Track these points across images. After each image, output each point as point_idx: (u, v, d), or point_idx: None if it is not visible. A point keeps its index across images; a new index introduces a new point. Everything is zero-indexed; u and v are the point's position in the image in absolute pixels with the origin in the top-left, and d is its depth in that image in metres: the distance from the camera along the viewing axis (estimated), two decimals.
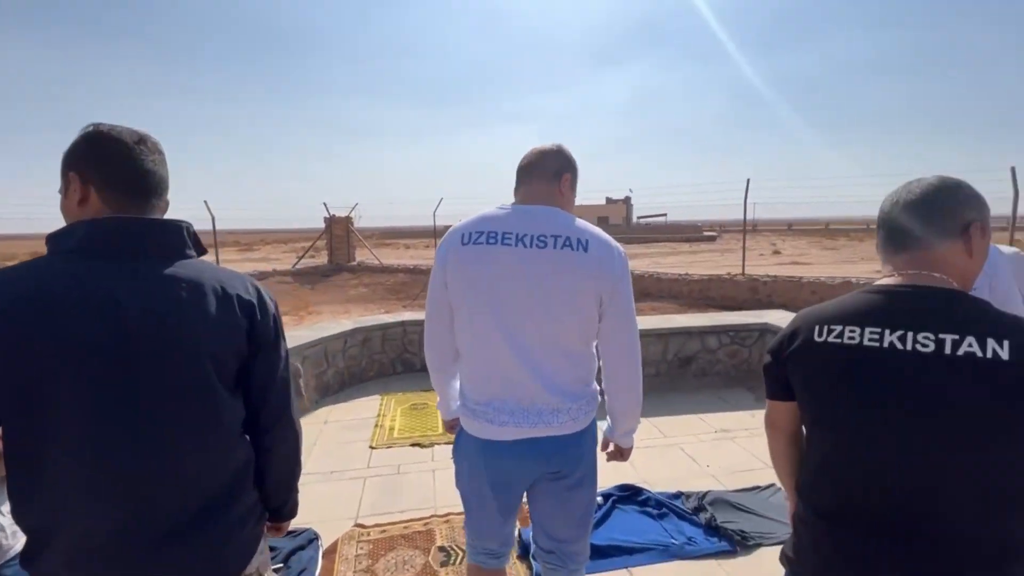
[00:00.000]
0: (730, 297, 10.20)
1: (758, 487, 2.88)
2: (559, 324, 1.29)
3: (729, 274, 11.05)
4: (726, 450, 3.38)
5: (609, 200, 64.99)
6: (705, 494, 2.78)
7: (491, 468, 1.36)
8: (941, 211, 0.94)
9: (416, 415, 3.99)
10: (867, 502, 0.93)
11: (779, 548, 2.43)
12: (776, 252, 23.67)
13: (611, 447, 1.53)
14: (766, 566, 2.26)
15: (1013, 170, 7.77)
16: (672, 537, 2.44)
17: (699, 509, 2.65)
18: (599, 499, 2.72)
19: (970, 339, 0.83)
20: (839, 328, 0.94)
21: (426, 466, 3.21)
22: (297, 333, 4.71)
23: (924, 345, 0.85)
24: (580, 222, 1.34)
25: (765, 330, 4.70)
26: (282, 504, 1.12)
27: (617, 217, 62.50)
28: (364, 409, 4.19)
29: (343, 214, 17.19)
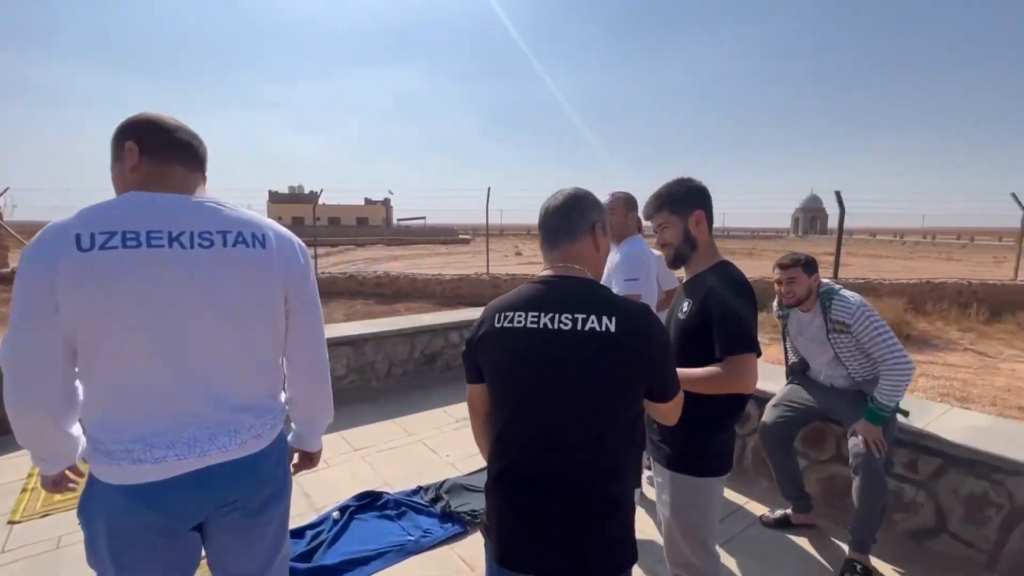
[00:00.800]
0: (478, 294, 11.14)
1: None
2: (244, 336, 1.13)
3: (476, 274, 12.06)
4: (464, 438, 3.63)
5: (368, 201, 63.58)
6: (442, 483, 2.91)
7: (145, 518, 1.08)
8: (575, 214, 1.18)
9: None
10: (529, 462, 1.10)
11: None
12: (518, 253, 26.97)
13: (296, 458, 1.41)
14: None
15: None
16: (409, 534, 2.48)
17: (436, 499, 2.76)
18: (335, 514, 2.58)
19: (592, 317, 1.05)
20: (511, 314, 1.12)
21: None
22: None
23: (565, 324, 1.06)
24: (248, 212, 1.17)
25: None
26: None
27: (376, 218, 61.63)
28: (3, 472, 3.04)
29: None
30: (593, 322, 1.05)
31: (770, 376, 2.73)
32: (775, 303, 2.67)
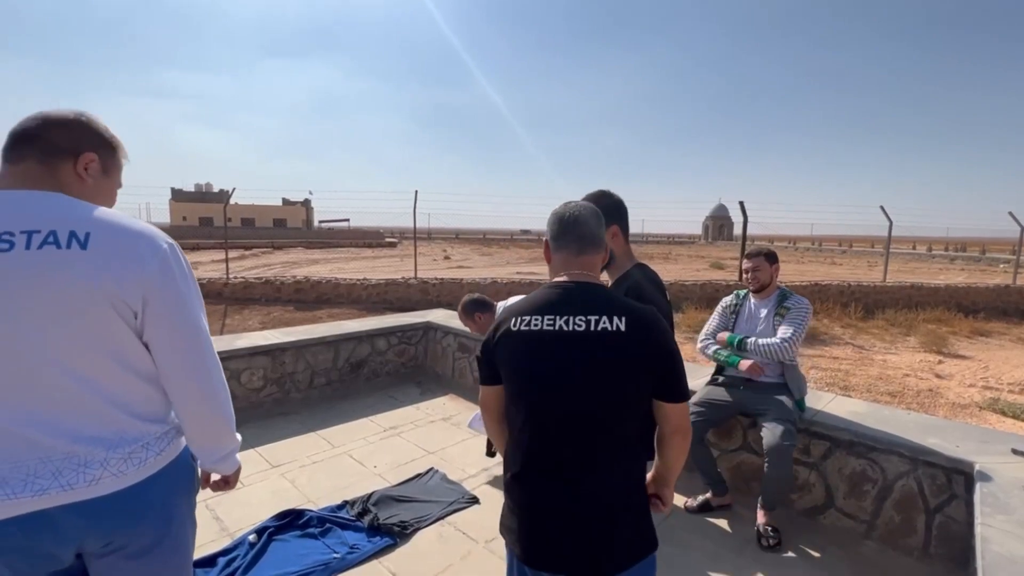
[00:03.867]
0: (405, 299, 10.91)
1: (418, 475, 3.11)
2: (67, 355, 0.97)
3: (404, 278, 11.81)
4: (393, 447, 3.53)
5: (286, 201, 60.17)
6: (370, 496, 2.82)
7: None
8: (601, 227, 1.28)
9: None
10: (545, 460, 1.15)
11: (435, 527, 2.64)
12: (447, 257, 26.78)
13: (212, 478, 1.29)
14: (421, 547, 2.44)
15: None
16: (334, 552, 2.37)
17: (364, 513, 2.66)
18: (252, 537, 2.41)
19: (604, 318, 1.13)
20: (528, 318, 1.18)
21: None
22: None
23: (579, 325, 1.13)
24: (88, 209, 1.01)
25: (428, 328, 5.17)
26: None
27: (296, 220, 58.52)
28: None
29: None
30: (605, 322, 1.12)
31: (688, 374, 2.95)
32: (732, 294, 3.01)
